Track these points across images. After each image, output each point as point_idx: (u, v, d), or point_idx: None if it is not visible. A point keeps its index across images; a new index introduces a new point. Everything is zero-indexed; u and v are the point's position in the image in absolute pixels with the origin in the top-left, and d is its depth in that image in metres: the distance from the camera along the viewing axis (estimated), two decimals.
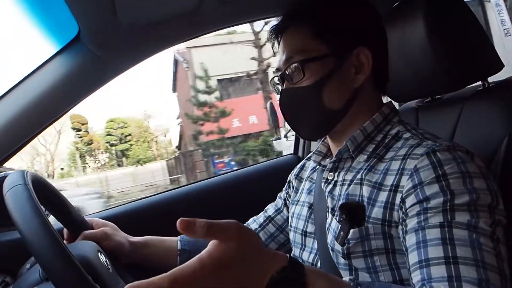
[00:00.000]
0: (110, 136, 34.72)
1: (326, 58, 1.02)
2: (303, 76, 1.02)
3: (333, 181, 1.07)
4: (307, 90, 1.03)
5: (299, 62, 1.03)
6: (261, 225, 1.40)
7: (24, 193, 0.89)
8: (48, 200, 1.12)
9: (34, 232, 0.83)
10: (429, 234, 0.80)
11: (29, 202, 0.87)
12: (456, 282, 0.73)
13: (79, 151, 33.90)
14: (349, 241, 0.94)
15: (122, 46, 1.41)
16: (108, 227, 1.30)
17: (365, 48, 1.03)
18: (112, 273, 1.07)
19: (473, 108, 1.21)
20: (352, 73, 1.04)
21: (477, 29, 1.20)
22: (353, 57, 1.03)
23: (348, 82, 1.04)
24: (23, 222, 0.84)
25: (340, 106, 1.05)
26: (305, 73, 1.02)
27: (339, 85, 1.03)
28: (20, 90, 1.33)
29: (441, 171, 0.84)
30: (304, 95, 1.05)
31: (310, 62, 1.02)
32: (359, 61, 1.03)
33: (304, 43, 1.04)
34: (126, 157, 34.48)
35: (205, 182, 2.06)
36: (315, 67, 1.02)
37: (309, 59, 1.02)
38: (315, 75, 1.02)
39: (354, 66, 1.04)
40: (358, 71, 1.04)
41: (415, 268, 0.80)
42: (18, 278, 1.14)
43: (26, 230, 0.83)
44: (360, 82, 1.04)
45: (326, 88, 1.03)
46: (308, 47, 1.03)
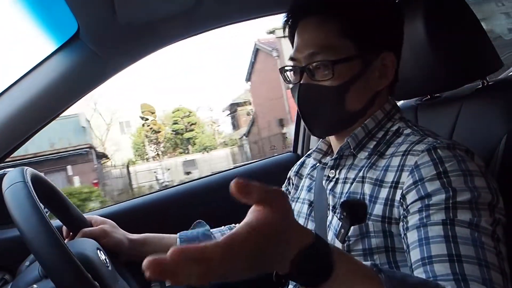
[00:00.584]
0: (176, 124, 35.26)
1: (354, 59, 0.99)
2: (332, 76, 0.98)
3: (334, 179, 1.06)
4: (331, 90, 1.00)
5: (329, 62, 0.98)
6: None
7: (23, 190, 0.89)
8: (47, 198, 1.12)
9: (33, 229, 0.83)
10: (431, 231, 0.80)
11: (28, 199, 0.87)
12: (462, 281, 0.73)
13: (148, 139, 34.20)
14: (349, 238, 0.94)
15: (121, 44, 1.41)
16: (107, 224, 1.30)
17: (391, 53, 1.02)
18: (111, 270, 1.07)
19: (472, 107, 1.21)
20: (376, 77, 1.02)
21: (477, 28, 1.20)
22: (379, 61, 1.01)
23: (371, 86, 1.02)
24: (22, 219, 0.84)
25: (359, 108, 1.03)
26: (334, 74, 0.98)
27: (362, 88, 1.01)
28: (19, 88, 1.33)
29: (442, 168, 0.84)
30: (328, 94, 1.01)
31: (339, 63, 0.98)
32: (384, 65, 1.02)
33: (330, 40, 1.00)
34: (192, 145, 35.18)
35: (204, 180, 2.05)
36: (343, 68, 0.98)
37: (338, 60, 0.98)
38: (341, 76, 0.99)
39: (378, 70, 1.02)
40: (382, 75, 1.02)
41: (418, 265, 0.80)
42: (17, 276, 1.14)
43: (24, 228, 0.83)
44: (382, 86, 1.03)
45: (351, 90, 1.00)
46: (335, 45, 0.99)
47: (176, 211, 1.85)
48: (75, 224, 1.23)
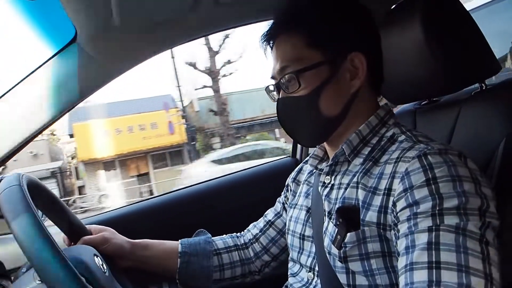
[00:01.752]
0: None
1: (320, 66, 1.01)
2: (299, 86, 1.02)
3: (329, 185, 1.06)
4: (304, 99, 1.03)
5: (294, 73, 1.02)
6: (261, 230, 1.40)
7: (18, 194, 0.88)
8: (47, 206, 1.11)
9: (26, 232, 0.82)
10: (417, 239, 0.80)
11: (22, 202, 0.87)
12: (435, 286, 0.74)
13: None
14: (345, 245, 0.94)
15: (118, 49, 1.41)
16: (107, 231, 1.30)
17: (359, 53, 1.03)
18: (108, 276, 1.07)
19: (471, 110, 1.21)
20: (347, 79, 1.03)
21: (475, 31, 1.20)
22: (347, 63, 1.03)
23: (344, 88, 1.04)
24: (15, 221, 0.83)
25: (337, 112, 1.04)
26: (300, 83, 1.02)
27: (335, 92, 1.03)
28: (17, 92, 1.33)
29: (431, 174, 0.84)
30: (301, 104, 1.04)
31: (305, 72, 1.01)
32: (354, 66, 1.03)
33: (297, 52, 1.03)
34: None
35: (202, 185, 2.05)
36: (311, 76, 1.02)
37: (303, 69, 1.01)
38: (311, 84, 1.02)
39: (349, 71, 1.03)
40: (353, 76, 1.03)
41: (402, 272, 0.81)
42: (14, 282, 1.13)
43: (17, 230, 0.82)
44: (356, 87, 1.04)
45: (323, 96, 1.02)
46: (302, 56, 1.02)
47: (174, 217, 1.85)
48: (74, 232, 1.22)
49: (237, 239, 1.45)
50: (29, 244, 0.81)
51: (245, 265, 1.40)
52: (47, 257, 0.81)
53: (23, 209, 0.85)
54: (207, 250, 1.35)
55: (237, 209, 1.90)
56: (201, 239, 1.39)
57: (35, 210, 0.87)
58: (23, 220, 0.83)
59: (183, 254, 1.33)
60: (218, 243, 1.41)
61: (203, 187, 2.03)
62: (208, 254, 1.35)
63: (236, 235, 1.47)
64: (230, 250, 1.40)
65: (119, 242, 1.28)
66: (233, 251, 1.40)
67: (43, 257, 0.81)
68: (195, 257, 1.33)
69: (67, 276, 0.81)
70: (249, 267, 1.41)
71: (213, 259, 1.35)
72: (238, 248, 1.42)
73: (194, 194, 1.98)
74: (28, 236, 0.82)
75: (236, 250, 1.41)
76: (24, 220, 0.83)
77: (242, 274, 1.40)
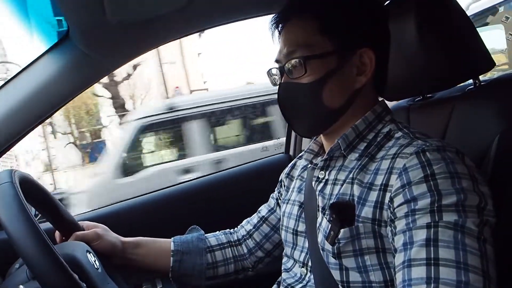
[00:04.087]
0: None
1: (329, 56, 1.00)
2: (305, 72, 1.01)
3: (324, 180, 1.06)
4: (307, 87, 1.02)
5: (302, 58, 1.00)
6: (255, 225, 1.40)
7: (10, 191, 0.88)
8: (38, 201, 1.11)
9: (18, 229, 0.82)
10: (415, 235, 0.80)
11: (14, 199, 0.87)
12: (433, 283, 0.74)
13: None
14: (339, 241, 0.94)
15: (111, 44, 1.40)
16: (99, 228, 1.29)
17: (369, 50, 1.02)
18: (100, 272, 1.07)
19: (465, 107, 1.21)
20: (354, 74, 1.02)
21: (468, 27, 1.20)
22: (356, 58, 1.02)
23: (348, 82, 1.03)
24: (7, 219, 0.83)
25: (338, 105, 1.03)
26: (307, 70, 1.00)
27: (339, 85, 1.02)
28: (9, 89, 1.33)
29: (430, 170, 0.84)
30: (304, 91, 1.03)
31: (313, 59, 1.00)
32: (362, 62, 1.02)
33: (308, 38, 1.02)
34: None
35: (195, 181, 2.05)
36: (318, 64, 1.00)
37: (312, 56, 1.00)
38: (316, 72, 1.00)
39: (356, 66, 1.02)
40: (359, 72, 1.02)
41: (399, 269, 0.81)
42: (6, 278, 1.13)
43: (10, 227, 0.82)
44: (361, 83, 1.03)
45: (326, 86, 1.01)
46: (312, 43, 1.01)
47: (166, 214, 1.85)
48: (67, 228, 1.22)
49: (230, 235, 1.45)
50: (22, 242, 0.81)
51: (239, 261, 1.40)
52: (39, 255, 0.81)
53: (15, 207, 0.85)
54: (200, 248, 1.35)
55: (230, 205, 1.90)
56: (194, 237, 1.38)
57: (27, 208, 0.87)
58: (15, 218, 0.83)
59: (175, 252, 1.33)
60: (211, 240, 1.40)
61: (196, 183, 2.03)
62: (201, 252, 1.35)
63: (229, 231, 1.47)
64: (223, 247, 1.40)
65: (111, 240, 1.28)
66: (226, 248, 1.40)
67: (35, 254, 0.81)
68: (188, 255, 1.33)
69: (59, 273, 0.81)
70: (242, 263, 1.41)
71: (206, 257, 1.35)
72: (231, 245, 1.42)
73: (188, 190, 1.98)
74: (21, 234, 0.82)
75: (229, 246, 1.41)
76: (16, 218, 0.84)
77: (235, 271, 1.40)
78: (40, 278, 0.82)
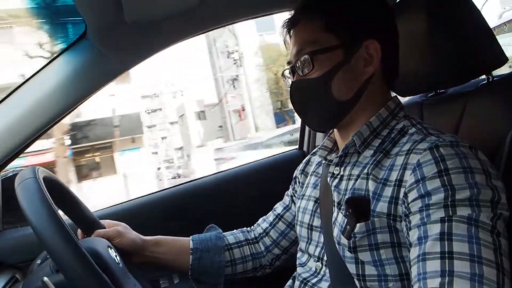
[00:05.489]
0: None
1: (335, 49, 1.03)
2: (313, 68, 1.03)
3: (339, 176, 1.07)
4: (316, 81, 1.04)
5: (309, 54, 1.03)
6: (271, 223, 1.42)
7: (34, 185, 0.90)
8: (61, 200, 1.12)
9: (43, 222, 0.84)
10: (430, 229, 0.81)
11: (38, 193, 0.88)
12: (448, 276, 0.75)
13: None
14: (355, 235, 0.95)
15: (128, 43, 1.41)
16: (121, 226, 1.32)
17: (374, 41, 1.03)
18: (122, 267, 1.09)
19: (478, 102, 1.21)
20: (361, 65, 1.04)
21: (481, 23, 1.20)
22: (362, 50, 1.04)
23: (357, 74, 1.05)
24: (32, 212, 0.85)
25: (348, 97, 1.05)
26: (314, 65, 1.03)
27: (348, 77, 1.04)
28: (28, 87, 1.35)
29: (443, 166, 0.84)
30: (314, 86, 1.06)
31: (319, 54, 1.03)
32: (369, 54, 1.04)
33: (314, 35, 1.05)
34: None
35: (210, 177, 2.06)
36: (324, 58, 1.03)
37: (318, 51, 1.03)
38: (324, 66, 1.03)
39: (363, 58, 1.04)
40: (367, 63, 1.04)
41: (414, 263, 0.82)
42: (29, 274, 1.15)
43: (34, 220, 0.84)
44: (368, 74, 1.05)
45: (335, 79, 1.03)
46: (318, 39, 1.04)
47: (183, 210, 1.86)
48: (88, 225, 1.24)
49: (248, 233, 1.46)
50: (47, 235, 0.83)
51: (256, 259, 1.42)
52: (64, 248, 0.83)
53: (40, 201, 0.87)
54: (218, 246, 1.37)
55: (244, 201, 1.91)
56: (212, 235, 1.40)
57: (51, 202, 0.88)
58: (40, 212, 0.85)
59: (194, 250, 1.35)
60: (229, 238, 1.42)
61: (210, 180, 2.04)
62: (219, 250, 1.36)
63: (247, 230, 1.48)
64: (241, 245, 1.42)
65: (132, 237, 1.30)
66: (244, 246, 1.42)
67: (60, 247, 0.83)
68: (207, 253, 1.35)
69: (83, 265, 0.83)
70: (260, 261, 1.42)
71: (225, 255, 1.37)
72: (249, 243, 1.43)
73: (202, 187, 1.99)
74: (46, 227, 0.84)
75: (247, 244, 1.43)
76: (41, 212, 0.85)
77: (253, 268, 1.42)
78: (64, 270, 0.83)
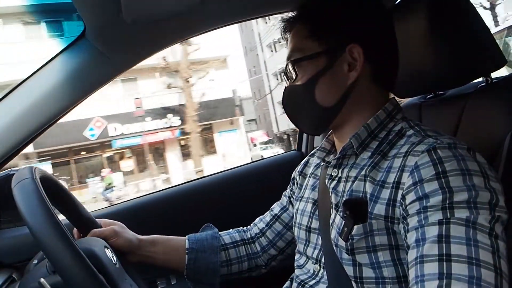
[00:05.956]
0: None
1: (317, 56, 1.04)
2: (296, 76, 1.07)
3: (337, 178, 1.07)
4: (300, 88, 1.07)
5: (292, 62, 1.08)
6: (268, 223, 1.41)
7: (31, 186, 0.89)
8: (57, 198, 1.12)
9: (40, 223, 0.83)
10: (427, 232, 0.81)
11: (35, 194, 0.88)
12: (446, 279, 0.75)
13: None
14: (353, 237, 0.95)
15: (126, 43, 1.42)
16: (117, 225, 1.31)
17: (356, 45, 1.03)
18: (118, 268, 1.08)
19: (476, 104, 1.21)
20: (345, 70, 1.04)
21: (480, 25, 1.20)
22: (346, 54, 1.04)
23: (340, 79, 1.05)
24: (29, 213, 0.85)
25: (333, 103, 1.06)
26: (298, 72, 1.07)
27: (331, 83, 1.05)
28: (26, 87, 1.35)
29: (441, 168, 0.84)
30: (299, 93, 1.09)
31: (302, 61, 1.06)
32: (353, 58, 1.04)
33: (300, 43, 1.08)
34: None
35: (208, 178, 2.06)
36: (307, 65, 1.06)
37: (300, 58, 1.06)
38: (307, 73, 1.06)
39: (347, 63, 1.04)
40: (351, 68, 1.04)
41: (412, 265, 0.82)
42: (25, 274, 1.15)
43: (31, 221, 0.84)
44: (353, 78, 1.05)
45: (318, 86, 1.05)
46: (303, 47, 1.06)
47: (180, 210, 1.86)
48: (85, 225, 1.24)
49: (244, 233, 1.46)
50: (44, 236, 0.83)
51: (252, 259, 1.42)
52: (60, 249, 0.82)
53: (37, 202, 0.87)
54: (214, 246, 1.37)
55: (243, 202, 1.91)
56: (208, 235, 1.40)
57: (48, 203, 0.88)
58: (38, 214, 0.85)
59: (190, 250, 1.35)
60: (225, 238, 1.42)
61: (209, 180, 2.04)
62: (215, 250, 1.36)
63: (243, 229, 1.48)
64: (237, 245, 1.41)
65: (128, 237, 1.30)
66: (240, 246, 1.42)
67: (57, 248, 0.82)
68: (203, 253, 1.35)
69: (80, 266, 0.83)
70: (255, 261, 1.42)
71: (220, 255, 1.37)
72: (245, 243, 1.43)
73: (200, 187, 1.99)
74: (44, 229, 0.83)
75: (243, 244, 1.42)
76: (38, 213, 0.85)
77: (249, 269, 1.42)
78: (61, 271, 0.83)
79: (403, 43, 1.14)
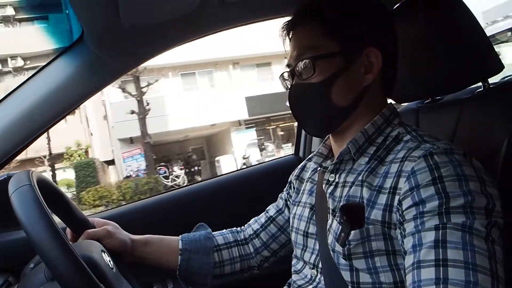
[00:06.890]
0: None
1: (336, 56, 1.03)
2: (314, 73, 1.04)
3: (334, 183, 1.07)
4: (316, 86, 1.05)
5: (310, 59, 1.04)
6: (262, 225, 1.41)
7: (30, 194, 0.88)
8: (51, 199, 1.12)
9: (41, 233, 0.83)
10: (424, 237, 0.81)
11: (35, 203, 0.87)
12: (442, 284, 0.75)
13: None
14: (349, 242, 0.95)
15: (124, 47, 1.41)
16: (110, 225, 1.31)
17: (375, 48, 1.04)
18: (115, 273, 1.08)
19: (474, 109, 1.22)
20: (361, 72, 1.05)
21: (478, 30, 1.21)
22: (363, 57, 1.04)
23: (356, 81, 1.05)
24: (30, 223, 0.84)
25: (347, 103, 1.05)
26: (315, 70, 1.04)
27: (347, 83, 1.04)
28: (24, 90, 1.34)
29: (437, 173, 0.85)
30: (313, 91, 1.06)
31: (320, 59, 1.03)
32: (369, 61, 1.04)
33: (315, 40, 1.05)
34: None
35: (205, 182, 2.06)
36: (325, 64, 1.04)
37: (319, 56, 1.03)
38: (324, 72, 1.04)
39: (363, 65, 1.04)
40: (367, 70, 1.05)
41: (409, 271, 0.82)
42: (22, 278, 1.14)
43: (32, 232, 0.83)
44: (368, 81, 1.05)
45: (335, 85, 1.04)
46: (319, 44, 1.04)
47: (177, 215, 1.85)
48: (78, 225, 1.24)
49: (237, 234, 1.46)
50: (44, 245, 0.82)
51: (245, 260, 1.42)
52: (60, 257, 0.82)
53: (36, 211, 0.86)
54: (207, 247, 1.36)
55: (239, 206, 1.90)
56: (202, 235, 1.39)
57: (48, 211, 0.88)
58: (37, 222, 0.84)
59: (183, 251, 1.34)
60: (218, 238, 1.42)
61: (206, 184, 2.04)
62: (208, 251, 1.36)
63: (236, 230, 1.48)
64: (230, 246, 1.41)
65: (121, 237, 1.29)
66: (233, 247, 1.41)
67: (56, 257, 0.82)
68: (196, 254, 1.35)
69: (80, 275, 0.82)
70: (248, 262, 1.42)
71: (213, 256, 1.37)
72: (238, 244, 1.43)
73: (197, 191, 1.98)
74: (43, 237, 0.83)
75: (236, 245, 1.42)
76: (38, 222, 0.84)
77: (241, 269, 1.42)
78: (60, 279, 0.83)
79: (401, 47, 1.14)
